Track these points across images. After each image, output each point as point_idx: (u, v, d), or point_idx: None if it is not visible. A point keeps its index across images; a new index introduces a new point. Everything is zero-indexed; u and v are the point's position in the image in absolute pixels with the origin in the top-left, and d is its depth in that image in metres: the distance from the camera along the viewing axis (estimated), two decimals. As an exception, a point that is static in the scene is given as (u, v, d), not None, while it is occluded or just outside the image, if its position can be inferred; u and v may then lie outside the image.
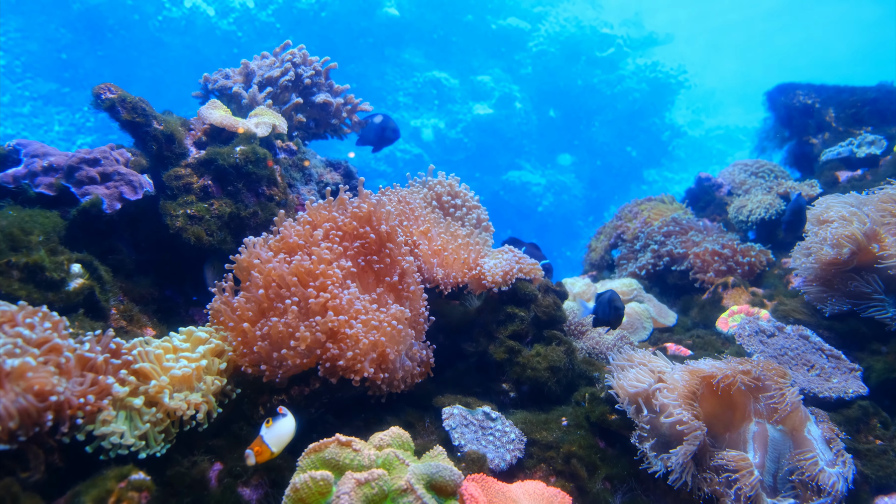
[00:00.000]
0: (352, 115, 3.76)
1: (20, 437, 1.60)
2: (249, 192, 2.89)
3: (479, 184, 15.59)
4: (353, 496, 1.58)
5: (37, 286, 2.15)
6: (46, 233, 2.31)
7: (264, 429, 1.82)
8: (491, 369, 2.77)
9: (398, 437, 1.90)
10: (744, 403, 2.21)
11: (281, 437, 1.83)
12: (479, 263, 2.82)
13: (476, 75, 16.51)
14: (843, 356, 2.82)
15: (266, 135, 3.03)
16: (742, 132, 22.00)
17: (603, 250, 4.89)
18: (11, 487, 1.55)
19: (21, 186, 2.48)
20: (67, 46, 14.06)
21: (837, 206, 3.10)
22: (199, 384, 2.04)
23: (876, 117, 4.58)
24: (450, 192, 3.22)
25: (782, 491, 2.05)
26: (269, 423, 1.83)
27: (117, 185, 2.59)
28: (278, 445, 1.82)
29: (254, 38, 14.60)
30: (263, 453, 1.79)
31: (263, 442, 1.80)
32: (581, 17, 17.54)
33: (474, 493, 1.79)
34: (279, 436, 1.83)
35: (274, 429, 1.83)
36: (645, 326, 3.57)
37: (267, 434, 1.81)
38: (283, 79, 3.43)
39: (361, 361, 2.13)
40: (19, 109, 13.68)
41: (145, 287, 2.69)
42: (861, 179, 4.20)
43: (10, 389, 1.58)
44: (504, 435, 2.26)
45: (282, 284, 2.25)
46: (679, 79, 17.25)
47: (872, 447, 2.37)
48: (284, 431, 1.84)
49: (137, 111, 2.74)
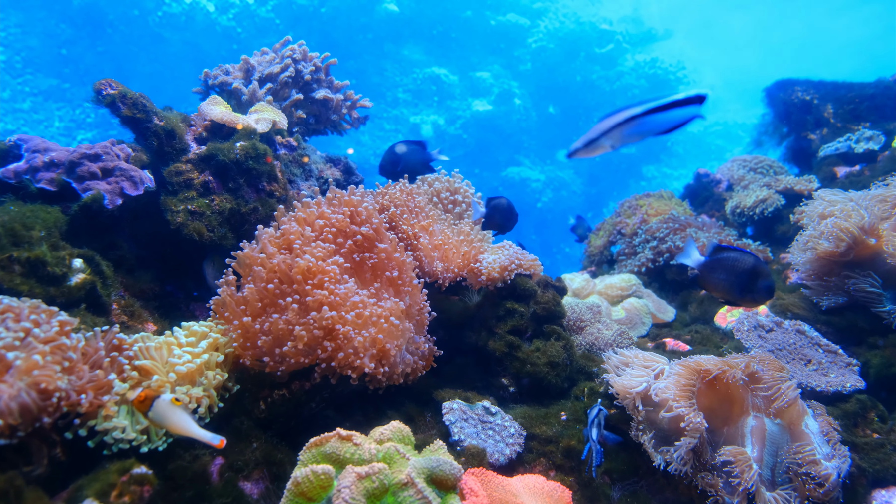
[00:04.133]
0: (351, 111, 3.76)
1: (20, 433, 1.61)
2: (250, 188, 2.90)
3: (478, 180, 15.53)
4: (354, 490, 1.59)
5: (38, 281, 2.16)
6: (48, 228, 2.32)
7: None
8: (490, 364, 2.79)
9: (398, 431, 1.91)
10: (741, 398, 2.22)
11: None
12: (479, 259, 2.83)
13: (475, 71, 16.51)
14: (840, 350, 2.84)
15: (266, 131, 3.04)
16: (741, 128, 21.99)
17: (602, 246, 4.90)
18: (15, 481, 1.56)
19: (22, 182, 2.49)
20: (68, 42, 14.06)
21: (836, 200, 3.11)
22: (200, 378, 2.05)
23: (874, 113, 4.59)
24: (450, 188, 3.23)
25: (780, 484, 2.06)
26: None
27: (118, 180, 2.60)
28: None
29: (253, 33, 14.59)
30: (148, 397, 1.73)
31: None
32: (580, 14, 17.55)
33: (474, 487, 1.80)
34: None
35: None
36: (644, 322, 3.58)
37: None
38: (283, 75, 3.44)
39: (361, 358, 2.14)
40: (20, 105, 13.67)
41: (146, 282, 2.70)
42: (859, 175, 4.21)
43: (13, 384, 1.59)
44: (504, 429, 2.27)
45: (283, 280, 2.26)
46: (678, 75, 17.27)
47: (870, 441, 2.38)
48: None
49: (138, 107, 2.75)
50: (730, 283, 2.37)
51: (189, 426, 1.71)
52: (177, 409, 1.71)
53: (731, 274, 2.36)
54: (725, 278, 2.38)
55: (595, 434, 2.01)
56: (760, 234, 4.41)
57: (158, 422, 1.72)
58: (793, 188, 4.31)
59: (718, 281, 2.40)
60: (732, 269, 2.36)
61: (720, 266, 2.39)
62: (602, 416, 2.07)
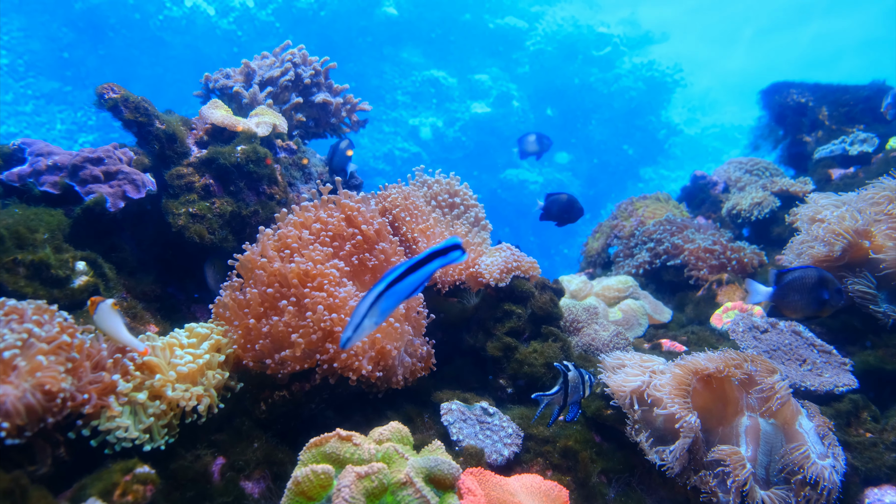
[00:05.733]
0: (351, 115, 3.79)
1: (26, 433, 1.64)
2: (250, 191, 2.93)
3: (476, 182, 15.62)
4: (353, 489, 1.62)
5: (42, 283, 2.19)
6: (51, 231, 2.35)
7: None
8: (488, 365, 2.81)
9: (397, 431, 1.94)
10: (736, 398, 2.25)
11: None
12: (478, 261, 2.86)
13: (474, 74, 16.52)
14: (834, 351, 2.87)
15: (267, 134, 3.07)
16: (737, 130, 22.01)
17: (599, 248, 4.92)
18: (20, 480, 1.59)
19: (26, 185, 2.51)
20: (69, 45, 14.07)
21: (829, 204, 3.14)
22: (201, 378, 2.08)
23: (868, 115, 4.62)
24: (449, 190, 3.26)
25: (775, 483, 2.09)
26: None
27: (121, 183, 2.63)
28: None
29: (254, 37, 14.60)
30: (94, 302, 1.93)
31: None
32: (578, 17, 17.56)
33: (472, 487, 1.83)
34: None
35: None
36: (640, 323, 3.61)
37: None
38: (284, 78, 3.47)
39: (359, 360, 2.17)
40: (22, 108, 13.68)
41: (148, 284, 2.73)
42: (853, 177, 4.24)
43: (18, 385, 1.61)
44: (501, 430, 2.29)
45: (283, 283, 2.29)
46: (675, 77, 17.27)
47: (863, 440, 2.41)
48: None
49: (140, 111, 2.78)
50: (806, 302, 2.51)
51: (119, 330, 1.92)
52: (114, 314, 1.93)
53: (803, 293, 2.50)
54: (800, 298, 2.51)
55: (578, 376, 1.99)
56: (756, 235, 4.44)
57: (99, 324, 1.93)
58: (788, 190, 4.34)
59: (796, 303, 2.53)
60: (802, 287, 2.49)
61: (790, 289, 2.52)
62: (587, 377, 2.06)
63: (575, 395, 2.04)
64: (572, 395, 2.03)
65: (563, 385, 2.02)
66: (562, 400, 2.03)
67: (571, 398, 2.03)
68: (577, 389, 2.04)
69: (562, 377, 2.03)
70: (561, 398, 2.03)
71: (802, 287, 2.50)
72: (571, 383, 2.01)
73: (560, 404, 2.05)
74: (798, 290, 2.50)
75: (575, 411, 2.06)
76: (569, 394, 2.02)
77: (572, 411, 2.06)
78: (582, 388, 2.05)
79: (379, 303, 1.45)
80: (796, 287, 2.51)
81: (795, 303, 2.53)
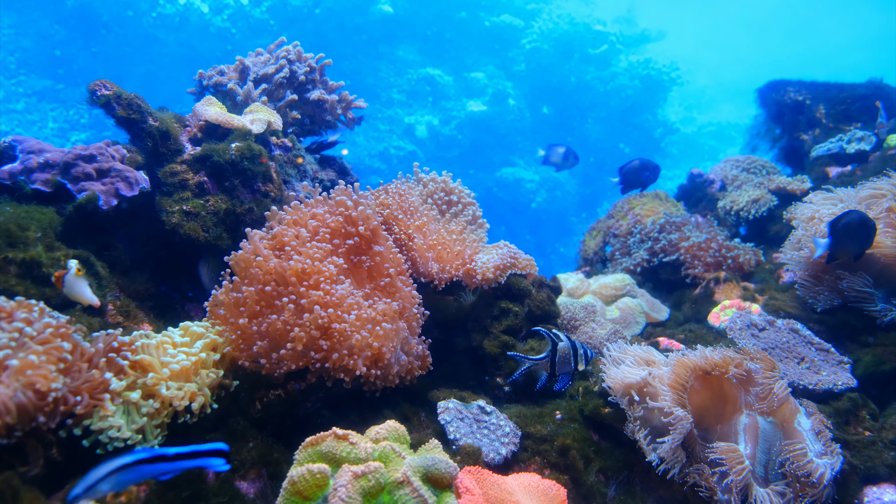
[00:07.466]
0: (346, 112, 3.77)
1: (17, 433, 1.61)
2: (245, 189, 2.90)
3: (473, 180, 15.59)
4: (350, 488, 1.60)
5: (34, 282, 2.16)
6: (43, 229, 2.32)
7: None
8: (485, 363, 2.80)
9: (394, 430, 1.92)
10: (735, 396, 2.24)
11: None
12: (474, 259, 2.84)
13: (470, 72, 16.51)
14: (832, 349, 2.86)
15: (261, 131, 3.04)
16: (734, 129, 22.04)
17: (596, 246, 4.92)
18: (11, 481, 1.57)
19: (17, 183, 2.49)
20: (61, 43, 14.01)
21: (826, 203, 3.14)
22: (195, 377, 2.06)
23: (865, 113, 4.61)
24: (444, 188, 3.24)
25: (773, 481, 2.08)
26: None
27: (113, 181, 2.60)
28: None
29: (248, 34, 14.57)
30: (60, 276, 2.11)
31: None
32: (574, 15, 17.57)
33: (469, 486, 1.81)
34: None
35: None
36: (638, 321, 3.60)
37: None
38: (278, 75, 3.44)
39: (355, 359, 2.15)
40: (13, 106, 13.62)
41: (142, 283, 2.70)
42: (851, 175, 4.24)
43: (9, 384, 1.59)
44: (499, 428, 2.28)
45: (280, 282, 2.26)
46: (671, 76, 17.28)
47: (861, 438, 2.40)
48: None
49: (133, 108, 2.75)
50: (860, 243, 2.80)
51: (84, 290, 2.13)
52: (78, 279, 2.12)
53: (854, 238, 2.79)
54: (851, 242, 2.81)
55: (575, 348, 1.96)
56: (754, 233, 4.43)
57: (68, 291, 2.11)
58: (785, 188, 4.34)
59: (850, 248, 2.84)
60: (851, 232, 2.79)
61: (844, 237, 2.81)
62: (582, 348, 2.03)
63: (565, 367, 2.01)
64: (561, 366, 2.00)
65: (552, 352, 1.99)
66: (549, 367, 2.00)
67: (561, 369, 2.00)
68: (567, 361, 2.02)
69: (550, 344, 2.00)
70: (548, 365, 2.00)
71: (851, 231, 2.78)
72: (560, 353, 1.99)
73: (548, 371, 2.02)
74: (852, 235, 2.79)
75: (565, 381, 2.03)
76: (556, 363, 1.99)
77: (562, 381, 2.03)
78: (574, 360, 2.02)
79: (120, 474, 1.42)
80: (850, 233, 2.79)
81: (851, 248, 2.83)
